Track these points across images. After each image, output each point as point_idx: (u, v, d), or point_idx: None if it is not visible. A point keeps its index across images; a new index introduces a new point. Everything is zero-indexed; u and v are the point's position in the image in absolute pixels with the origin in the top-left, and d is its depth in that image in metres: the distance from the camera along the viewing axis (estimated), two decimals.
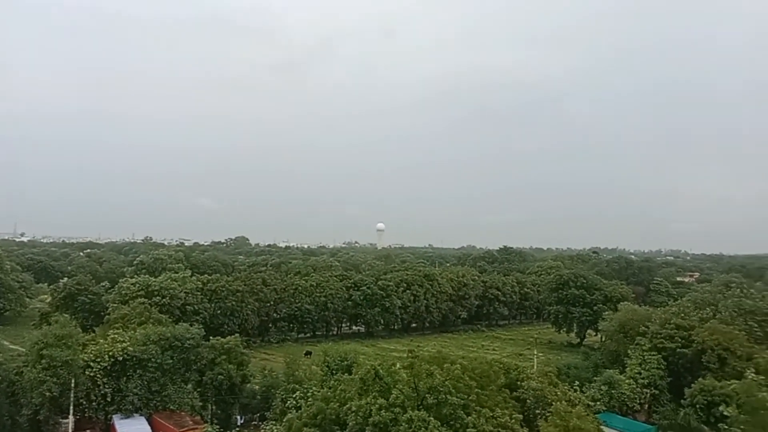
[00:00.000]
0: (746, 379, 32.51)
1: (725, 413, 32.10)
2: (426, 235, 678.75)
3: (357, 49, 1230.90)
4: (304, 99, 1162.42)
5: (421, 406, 34.98)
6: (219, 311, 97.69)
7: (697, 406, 45.38)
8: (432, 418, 32.94)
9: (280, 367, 59.62)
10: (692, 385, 48.04)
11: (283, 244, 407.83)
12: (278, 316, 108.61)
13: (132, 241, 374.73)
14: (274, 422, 43.69)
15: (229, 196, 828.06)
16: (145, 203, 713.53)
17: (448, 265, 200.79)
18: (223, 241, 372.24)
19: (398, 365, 40.74)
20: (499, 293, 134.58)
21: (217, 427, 44.86)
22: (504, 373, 42.94)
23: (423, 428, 32.07)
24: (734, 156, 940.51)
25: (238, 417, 55.90)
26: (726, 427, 33.61)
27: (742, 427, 31.14)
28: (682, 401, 47.77)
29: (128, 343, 51.42)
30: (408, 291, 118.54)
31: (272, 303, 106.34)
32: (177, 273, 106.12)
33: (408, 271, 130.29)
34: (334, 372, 50.89)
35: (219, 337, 58.91)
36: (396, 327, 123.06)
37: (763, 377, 32.46)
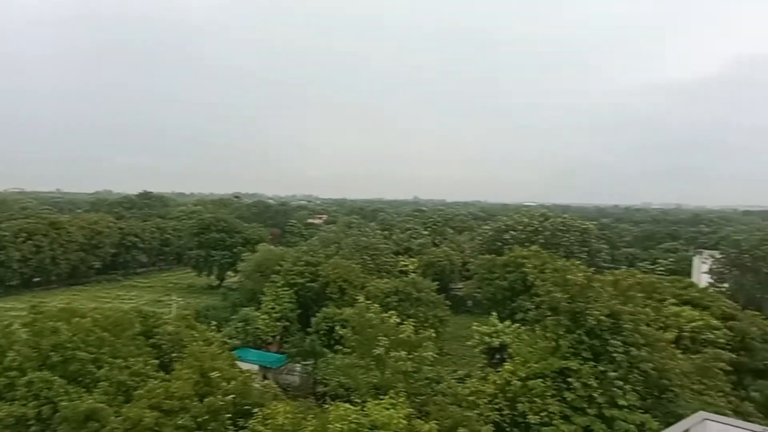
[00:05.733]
0: (358, 304, 37.84)
1: (341, 334, 36.89)
2: (53, 179, 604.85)
3: None
4: None
5: (44, 366, 31.75)
6: None
7: (321, 332, 51.13)
8: (57, 378, 30.25)
9: None
10: (317, 314, 54.04)
11: None
12: None
13: None
14: None
15: None
16: None
17: (79, 211, 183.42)
18: None
19: (16, 325, 36.03)
20: (138, 240, 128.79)
21: None
22: (140, 322, 41.46)
23: (46, 389, 29.30)
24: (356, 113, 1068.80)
25: None
26: (340, 347, 38.74)
27: (353, 344, 36.23)
28: (308, 329, 53.12)
29: None
30: (29, 241, 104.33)
31: None
32: None
33: (30, 219, 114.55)
34: None
35: None
36: (14, 283, 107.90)
37: (370, 301, 38.18)
